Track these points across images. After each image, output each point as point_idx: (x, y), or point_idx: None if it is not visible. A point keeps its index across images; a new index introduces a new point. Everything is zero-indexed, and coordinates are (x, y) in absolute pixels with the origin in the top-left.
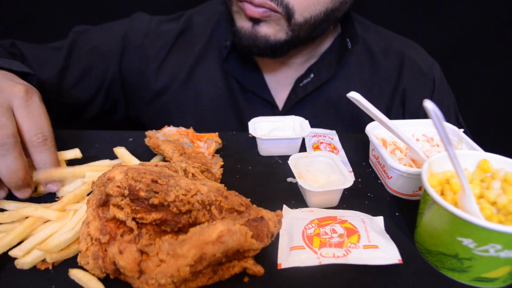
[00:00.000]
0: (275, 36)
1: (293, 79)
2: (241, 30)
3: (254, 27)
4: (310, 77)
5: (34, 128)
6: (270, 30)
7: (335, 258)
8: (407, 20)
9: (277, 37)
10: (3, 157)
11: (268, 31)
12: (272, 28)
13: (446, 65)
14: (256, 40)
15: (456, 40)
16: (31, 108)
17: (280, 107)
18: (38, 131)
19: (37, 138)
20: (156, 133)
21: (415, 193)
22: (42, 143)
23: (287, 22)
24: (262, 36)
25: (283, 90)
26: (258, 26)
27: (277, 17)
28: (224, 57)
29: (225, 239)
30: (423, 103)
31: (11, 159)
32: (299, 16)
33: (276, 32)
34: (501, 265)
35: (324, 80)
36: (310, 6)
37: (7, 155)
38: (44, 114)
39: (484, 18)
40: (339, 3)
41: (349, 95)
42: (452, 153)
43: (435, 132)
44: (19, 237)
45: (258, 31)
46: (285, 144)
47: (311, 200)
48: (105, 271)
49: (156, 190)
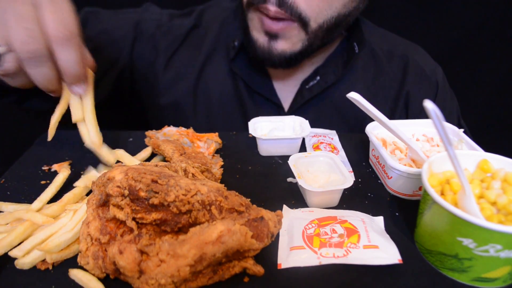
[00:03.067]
0: (291, 49)
1: (300, 81)
2: (256, 42)
3: (271, 43)
4: (316, 79)
5: (58, 23)
6: (287, 45)
7: (335, 258)
8: (409, 22)
9: (293, 49)
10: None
11: (285, 46)
12: (289, 42)
13: (446, 66)
14: (272, 55)
15: (456, 40)
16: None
17: (286, 108)
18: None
19: (61, 34)
20: (156, 133)
21: (415, 193)
22: (67, 38)
23: (304, 31)
24: (279, 52)
25: (289, 92)
26: (275, 42)
27: (294, 29)
28: (232, 57)
29: (225, 239)
30: (423, 103)
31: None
32: (314, 23)
33: (293, 45)
34: (501, 265)
35: (330, 83)
36: (323, 12)
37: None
38: (70, 10)
39: (484, 19)
40: (352, 8)
41: (349, 96)
42: (452, 153)
43: (435, 132)
44: (19, 237)
45: (275, 48)
46: (285, 144)
47: (311, 200)
48: (105, 271)
49: (156, 190)
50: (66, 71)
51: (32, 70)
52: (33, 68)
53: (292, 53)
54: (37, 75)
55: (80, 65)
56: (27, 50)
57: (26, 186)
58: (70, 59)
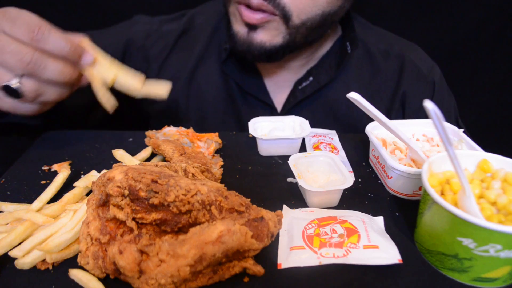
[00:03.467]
0: (271, 42)
1: (293, 82)
2: (236, 34)
3: (250, 34)
4: (309, 80)
5: (26, 30)
6: (266, 37)
7: (335, 258)
8: (407, 21)
9: (273, 42)
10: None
11: (264, 37)
12: (268, 34)
13: (446, 65)
14: (251, 46)
15: (456, 40)
16: (12, 17)
17: (279, 109)
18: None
19: (34, 34)
20: (156, 133)
21: (415, 193)
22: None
23: (285, 25)
24: (258, 43)
25: (282, 93)
26: (254, 32)
27: (275, 21)
28: (223, 60)
29: (225, 239)
30: (423, 103)
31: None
32: (296, 18)
33: (273, 37)
34: (501, 265)
35: (323, 83)
36: (306, 8)
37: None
38: (24, 13)
39: (484, 18)
40: (337, 7)
41: (348, 96)
42: (452, 153)
43: (435, 132)
44: (19, 237)
45: (254, 38)
46: (285, 144)
47: (311, 200)
48: (105, 271)
49: (156, 190)
50: (60, 52)
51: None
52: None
53: (272, 46)
54: (51, 74)
55: (66, 41)
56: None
57: (26, 186)
58: (54, 42)
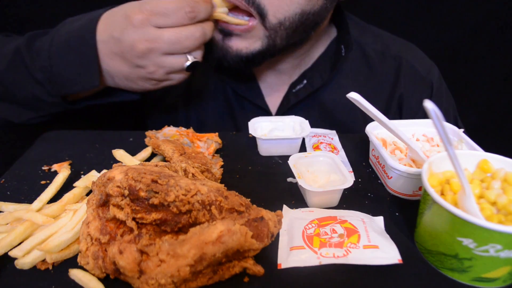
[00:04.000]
0: (247, 48)
1: (287, 85)
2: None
3: (225, 41)
4: (303, 83)
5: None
6: (242, 44)
7: (335, 258)
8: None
9: (250, 49)
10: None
11: (240, 45)
12: (245, 41)
13: (445, 65)
14: (227, 54)
15: (456, 39)
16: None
17: (273, 113)
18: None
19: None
20: (156, 133)
21: (415, 193)
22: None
23: (262, 26)
24: (233, 51)
25: (277, 96)
26: (229, 40)
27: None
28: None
29: (225, 239)
30: (423, 103)
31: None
32: (273, 17)
33: (250, 44)
34: (501, 265)
35: (316, 87)
36: (282, 6)
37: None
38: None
39: (484, 18)
40: (318, 7)
41: (348, 96)
42: (452, 153)
43: (435, 132)
44: (19, 237)
45: (229, 46)
46: (285, 144)
47: (311, 200)
48: (105, 271)
49: (156, 190)
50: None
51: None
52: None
53: (250, 53)
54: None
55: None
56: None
57: (26, 186)
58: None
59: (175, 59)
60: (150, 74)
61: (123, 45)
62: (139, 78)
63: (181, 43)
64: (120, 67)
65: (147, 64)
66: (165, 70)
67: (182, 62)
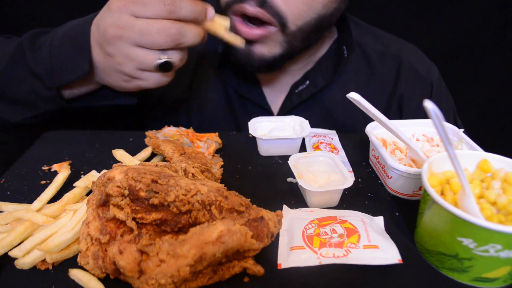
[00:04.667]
0: (270, 52)
1: (289, 86)
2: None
3: (248, 47)
4: (305, 84)
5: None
6: (265, 49)
7: (335, 258)
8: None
9: (272, 53)
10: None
11: (263, 50)
12: (266, 46)
13: (445, 65)
14: (252, 59)
15: (456, 39)
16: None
17: (275, 113)
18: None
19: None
20: (156, 133)
21: (415, 193)
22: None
23: (282, 33)
24: (257, 56)
25: (279, 97)
26: (253, 46)
27: (272, 33)
28: (218, 64)
29: (225, 239)
30: (423, 103)
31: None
32: (292, 25)
33: (271, 48)
34: (501, 265)
35: (319, 87)
36: (302, 14)
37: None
38: None
39: (484, 18)
40: (333, 9)
41: (348, 96)
42: (452, 153)
43: (435, 132)
44: (19, 237)
45: (253, 51)
46: (285, 144)
47: (311, 200)
48: (105, 271)
49: (156, 190)
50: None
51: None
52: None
53: (272, 57)
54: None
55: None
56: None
57: (26, 186)
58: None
59: (144, 53)
60: (119, 65)
61: (99, 31)
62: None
63: (151, 36)
64: (97, 55)
65: (115, 53)
66: (134, 64)
67: (152, 58)
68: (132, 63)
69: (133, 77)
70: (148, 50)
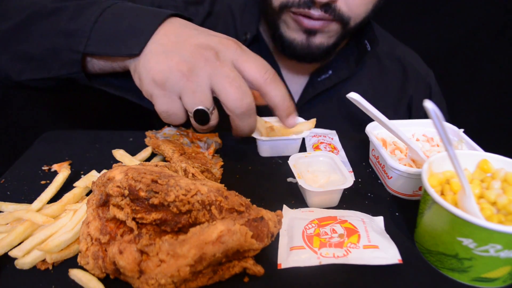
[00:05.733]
0: (327, 42)
1: (308, 74)
2: (294, 41)
3: (309, 39)
4: (328, 73)
5: (261, 68)
6: (324, 39)
7: (335, 258)
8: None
9: (329, 42)
10: (248, 118)
11: (322, 39)
12: (326, 36)
13: (445, 66)
14: (311, 50)
15: (456, 39)
16: (248, 54)
17: (296, 100)
18: (264, 69)
19: (268, 76)
20: (156, 133)
21: (415, 193)
22: (273, 78)
23: (343, 29)
24: (317, 45)
25: (299, 84)
26: (314, 37)
27: (333, 25)
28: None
29: (225, 239)
30: (423, 103)
31: (253, 119)
32: (353, 23)
33: (329, 38)
34: (501, 265)
35: (343, 78)
36: (361, 14)
37: (252, 116)
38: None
39: (484, 18)
40: (377, 8)
41: (348, 96)
42: (452, 153)
43: (435, 132)
44: (19, 237)
45: (313, 41)
46: (285, 145)
47: (311, 200)
48: (105, 271)
49: (156, 190)
50: (280, 104)
51: (242, 122)
52: (245, 120)
53: (328, 46)
54: (243, 126)
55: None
56: (242, 106)
57: (26, 186)
58: (280, 93)
59: (200, 91)
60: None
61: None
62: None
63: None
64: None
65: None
66: (180, 87)
67: (200, 100)
68: (179, 88)
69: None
70: (205, 93)
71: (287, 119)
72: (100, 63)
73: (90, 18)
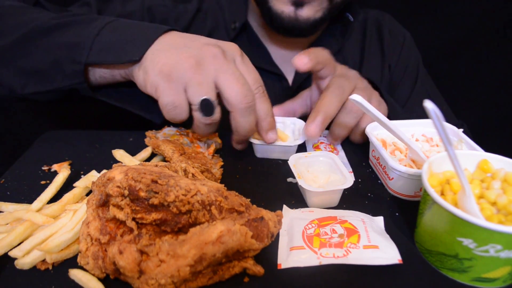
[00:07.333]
0: (314, 16)
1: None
2: (282, 14)
3: (297, 11)
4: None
5: (255, 82)
6: (310, 12)
7: (335, 258)
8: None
9: (315, 16)
10: (249, 115)
11: (309, 12)
12: (313, 9)
13: (446, 65)
14: (298, 22)
15: (456, 39)
16: (247, 63)
17: (290, 81)
18: (258, 83)
19: (258, 90)
20: (156, 133)
21: (416, 194)
22: (262, 94)
23: (329, 3)
24: (304, 18)
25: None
26: (301, 9)
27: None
28: (232, 38)
29: (225, 239)
30: (423, 103)
31: (253, 118)
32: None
33: (316, 12)
34: (501, 265)
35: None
36: None
37: (252, 114)
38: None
39: (484, 18)
40: None
41: (351, 98)
42: (452, 153)
43: (434, 132)
44: (19, 237)
45: (300, 15)
46: (280, 150)
47: (311, 200)
48: (105, 271)
49: (156, 190)
50: (263, 118)
51: (243, 118)
52: (245, 117)
53: (314, 20)
54: (245, 123)
55: (272, 114)
56: (246, 102)
57: (26, 186)
58: (267, 107)
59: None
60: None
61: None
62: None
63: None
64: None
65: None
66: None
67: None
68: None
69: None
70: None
71: (267, 134)
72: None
73: (92, 31)
